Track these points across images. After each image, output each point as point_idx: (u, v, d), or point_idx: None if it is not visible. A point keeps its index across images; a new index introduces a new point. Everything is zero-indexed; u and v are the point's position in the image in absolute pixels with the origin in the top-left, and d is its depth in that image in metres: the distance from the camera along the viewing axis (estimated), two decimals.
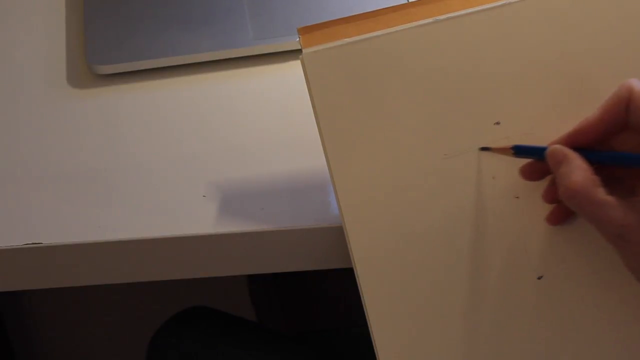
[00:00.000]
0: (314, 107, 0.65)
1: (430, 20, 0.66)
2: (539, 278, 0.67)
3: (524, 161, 0.66)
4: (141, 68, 0.83)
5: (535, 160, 0.65)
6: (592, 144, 0.63)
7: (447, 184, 0.66)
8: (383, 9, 0.66)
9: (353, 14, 0.66)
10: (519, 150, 0.65)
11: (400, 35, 0.65)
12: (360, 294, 0.66)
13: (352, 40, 0.65)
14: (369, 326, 0.66)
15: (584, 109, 0.67)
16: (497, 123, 0.66)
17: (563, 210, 0.65)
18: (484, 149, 0.66)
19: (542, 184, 0.67)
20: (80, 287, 0.76)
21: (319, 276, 0.99)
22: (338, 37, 0.65)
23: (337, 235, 0.71)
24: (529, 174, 0.66)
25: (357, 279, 0.66)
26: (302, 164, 0.75)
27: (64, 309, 1.43)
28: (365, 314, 0.66)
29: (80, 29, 0.87)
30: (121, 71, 0.83)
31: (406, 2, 0.67)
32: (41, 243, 0.72)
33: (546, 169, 0.64)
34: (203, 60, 0.83)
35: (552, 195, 0.65)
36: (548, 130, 0.66)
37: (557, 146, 0.63)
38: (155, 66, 0.83)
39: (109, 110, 0.81)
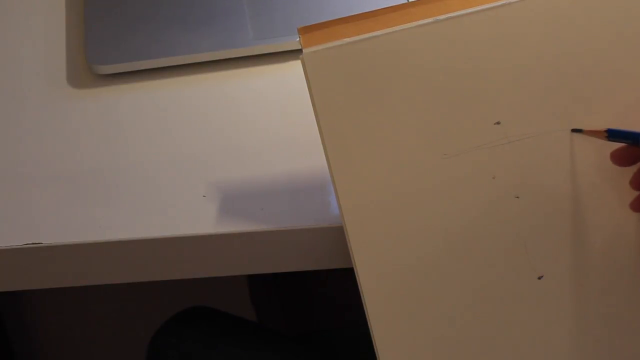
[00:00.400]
0: (314, 107, 0.65)
1: (430, 20, 0.66)
2: (539, 278, 0.67)
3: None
4: (141, 68, 0.83)
5: (628, 145, 0.64)
6: None
7: (447, 184, 0.66)
8: (383, 8, 0.66)
9: (353, 14, 0.66)
10: (612, 134, 0.64)
11: (400, 35, 0.65)
12: (360, 294, 0.66)
13: (352, 40, 0.65)
14: (369, 326, 0.66)
15: (584, 109, 0.67)
16: (498, 123, 0.66)
17: None
18: (575, 130, 0.65)
19: (543, 183, 0.67)
20: (80, 287, 0.76)
21: (319, 276, 0.99)
22: (338, 37, 0.65)
23: (337, 235, 0.71)
24: (621, 158, 0.65)
25: (357, 279, 0.66)
26: (302, 164, 0.75)
27: (64, 309, 1.43)
28: (365, 314, 0.66)
29: (80, 29, 0.87)
30: (121, 71, 0.83)
31: (406, 2, 0.67)
32: (41, 243, 0.72)
33: (638, 155, 0.64)
34: (203, 60, 0.83)
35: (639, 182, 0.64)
36: (548, 130, 0.66)
37: None
38: (155, 66, 0.83)
39: (109, 110, 0.81)
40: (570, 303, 0.67)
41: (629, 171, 0.66)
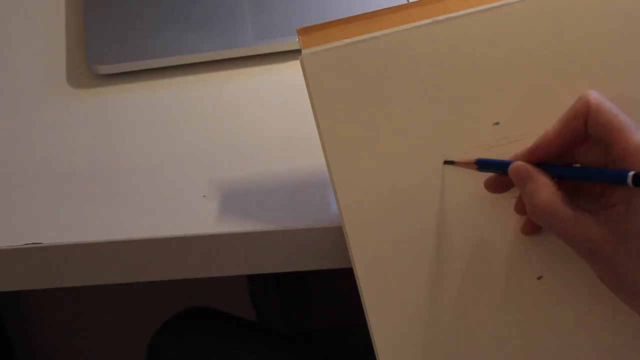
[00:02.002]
0: (313, 107, 0.65)
1: (429, 21, 0.66)
2: (539, 278, 0.67)
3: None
4: (141, 68, 0.83)
5: (499, 174, 0.65)
6: (553, 158, 0.63)
7: (446, 184, 0.66)
8: (382, 9, 0.66)
9: (353, 15, 0.66)
10: (482, 165, 0.65)
11: (399, 36, 0.65)
12: (360, 294, 0.66)
13: (351, 41, 0.65)
14: (368, 326, 0.66)
15: None
16: (497, 123, 0.66)
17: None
18: (447, 162, 0.66)
19: None
20: (80, 287, 0.76)
21: (319, 276, 0.99)
22: (337, 38, 0.65)
23: (337, 235, 0.71)
24: (493, 187, 0.65)
25: (356, 279, 0.66)
26: (302, 164, 0.75)
27: (64, 309, 1.43)
28: (365, 314, 0.66)
29: (80, 29, 0.87)
30: (121, 71, 0.83)
31: (405, 2, 0.67)
32: (41, 243, 0.72)
33: (510, 182, 0.64)
34: (203, 60, 0.83)
35: (523, 208, 0.64)
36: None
37: (520, 163, 0.63)
38: (155, 66, 0.83)
39: (109, 110, 0.81)
40: (570, 303, 0.67)
41: None
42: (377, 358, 0.67)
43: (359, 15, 0.66)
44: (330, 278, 1.05)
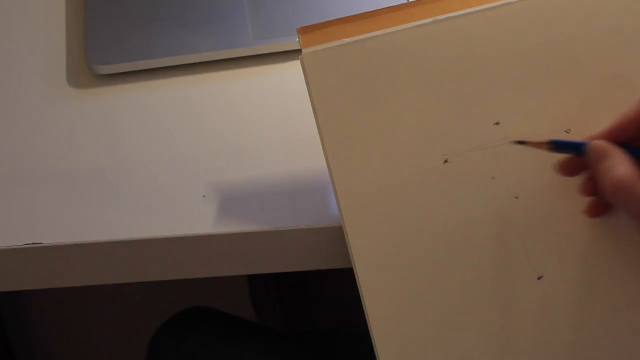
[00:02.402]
0: (313, 107, 0.65)
1: (429, 20, 0.66)
2: (539, 278, 0.67)
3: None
4: (141, 68, 0.83)
5: (573, 155, 0.64)
6: (631, 139, 0.63)
7: (446, 184, 0.66)
8: (383, 9, 0.66)
9: (353, 14, 0.66)
10: (556, 146, 0.64)
11: (399, 36, 0.65)
12: (360, 294, 0.66)
13: (351, 40, 0.65)
14: (368, 326, 0.66)
15: (584, 109, 0.67)
16: (497, 123, 0.66)
17: (603, 203, 0.65)
18: (518, 142, 0.65)
19: (543, 183, 0.67)
20: (80, 287, 0.76)
21: (319, 276, 0.99)
22: (338, 37, 0.65)
23: (337, 235, 0.71)
24: (566, 169, 0.65)
25: (357, 279, 0.66)
26: (302, 164, 0.75)
27: (64, 309, 1.43)
28: (365, 314, 0.66)
29: (80, 29, 0.87)
30: (121, 71, 0.83)
31: (406, 2, 0.67)
32: (41, 243, 0.72)
33: (583, 165, 0.64)
34: (203, 60, 0.83)
35: (590, 189, 0.64)
36: (548, 131, 0.66)
37: (600, 141, 0.62)
38: (155, 66, 0.83)
39: (109, 110, 0.81)
40: (570, 303, 0.67)
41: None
42: (377, 358, 0.67)
43: (360, 14, 0.66)
44: (331, 278, 1.05)
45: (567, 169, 0.65)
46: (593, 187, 0.64)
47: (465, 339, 0.67)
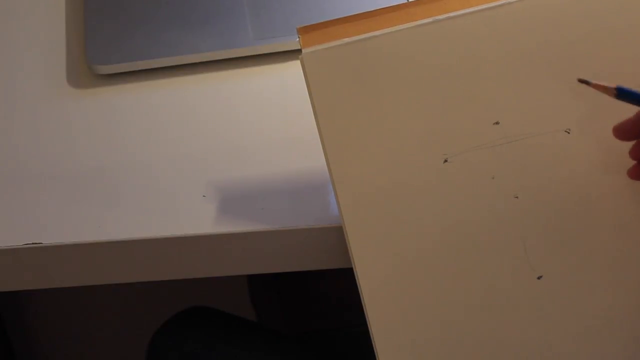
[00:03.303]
0: (313, 107, 0.65)
1: (429, 20, 0.66)
2: (539, 278, 0.67)
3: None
4: (141, 68, 0.83)
5: (633, 120, 0.64)
6: None
7: (446, 184, 0.66)
8: (382, 8, 0.66)
9: (353, 14, 0.66)
10: (622, 93, 0.63)
11: (399, 35, 0.65)
12: (360, 294, 0.66)
13: (351, 40, 0.65)
14: (368, 326, 0.66)
15: (584, 109, 0.67)
16: (497, 123, 0.66)
17: None
18: (582, 81, 0.64)
19: (543, 182, 0.67)
20: (80, 287, 0.76)
21: (319, 276, 0.99)
22: (338, 37, 0.65)
23: (337, 235, 0.71)
24: (624, 132, 0.64)
25: (357, 279, 0.66)
26: (302, 164, 0.75)
27: (64, 309, 1.43)
28: (365, 314, 0.66)
29: (80, 29, 0.87)
30: (121, 71, 0.83)
31: (405, 2, 0.67)
32: (41, 243, 0.72)
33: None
34: (203, 60, 0.83)
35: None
36: (548, 131, 0.66)
37: None
38: (155, 66, 0.83)
39: (109, 110, 0.81)
40: (570, 303, 0.67)
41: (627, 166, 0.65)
42: (377, 358, 0.67)
43: (359, 14, 0.66)
44: (331, 278, 1.05)
45: (624, 133, 0.64)
46: None
47: (465, 339, 0.67)
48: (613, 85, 0.63)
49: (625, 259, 0.67)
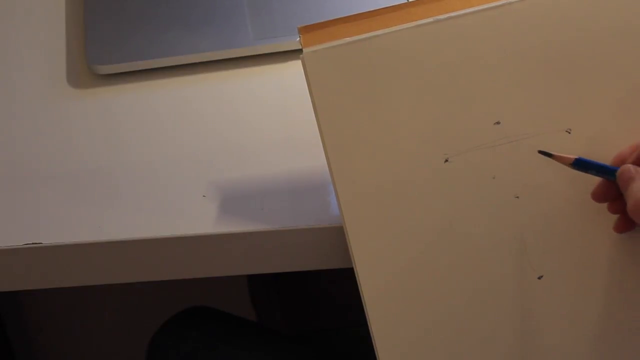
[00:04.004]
0: (314, 106, 0.65)
1: (430, 19, 0.66)
2: (539, 278, 0.67)
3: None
4: (141, 68, 0.83)
5: (604, 181, 0.65)
6: None
7: (447, 184, 0.66)
8: (383, 8, 0.66)
9: (353, 14, 0.66)
10: (578, 164, 0.65)
11: (400, 35, 0.65)
12: (360, 294, 0.66)
13: (352, 40, 0.65)
14: (369, 326, 0.66)
15: (584, 109, 0.67)
16: (498, 123, 0.66)
17: (629, 220, 0.65)
18: (543, 153, 0.66)
19: (543, 182, 0.67)
20: (80, 287, 0.76)
21: (319, 276, 0.99)
22: (338, 37, 0.65)
23: (337, 235, 0.71)
24: (601, 196, 0.66)
25: (357, 279, 0.66)
26: (302, 164, 0.75)
27: (64, 309, 1.43)
28: (365, 314, 0.66)
29: (80, 29, 0.87)
30: (121, 71, 0.83)
31: (406, 1, 0.67)
32: (41, 243, 0.72)
33: (615, 189, 0.65)
34: (203, 60, 0.83)
35: (618, 208, 0.65)
36: (548, 130, 0.66)
37: (628, 165, 0.64)
38: (155, 66, 0.83)
39: (109, 110, 0.81)
40: (570, 303, 0.67)
41: None
42: (377, 358, 0.67)
43: (360, 14, 0.66)
44: (331, 278, 1.05)
45: (601, 197, 0.66)
46: (620, 206, 0.65)
47: (465, 339, 0.67)
48: (573, 156, 0.65)
49: (625, 258, 0.67)
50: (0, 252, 0.72)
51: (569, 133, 0.67)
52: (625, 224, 0.66)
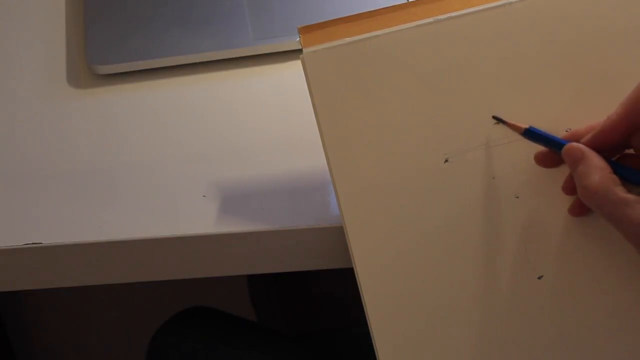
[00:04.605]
0: (314, 106, 0.65)
1: (430, 19, 0.66)
2: (539, 278, 0.67)
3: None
4: (141, 68, 0.83)
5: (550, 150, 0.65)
6: (614, 144, 0.63)
7: (447, 184, 0.66)
8: (383, 8, 0.66)
9: (353, 14, 0.66)
10: (530, 134, 0.65)
11: (400, 35, 0.65)
12: (360, 294, 0.66)
13: (352, 40, 0.65)
14: (369, 326, 0.66)
15: (584, 109, 0.67)
16: (498, 123, 0.66)
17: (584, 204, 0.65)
18: (497, 119, 0.65)
19: (544, 182, 0.67)
20: (80, 287, 0.76)
21: (319, 276, 0.99)
22: (338, 37, 0.65)
23: (337, 235, 0.71)
24: (544, 162, 0.65)
25: (357, 279, 0.66)
26: (302, 164, 0.75)
27: (64, 309, 1.43)
28: (365, 314, 0.66)
29: (80, 29, 0.87)
30: (121, 71, 0.83)
31: (406, 1, 0.67)
32: (41, 243, 0.72)
33: (561, 160, 0.64)
34: (203, 60, 0.83)
35: (572, 188, 0.64)
36: (548, 130, 0.66)
37: (575, 144, 0.63)
38: (155, 66, 0.83)
39: (109, 110, 0.81)
40: (571, 303, 0.67)
41: None
42: (377, 358, 0.67)
43: (360, 14, 0.66)
44: (331, 278, 1.05)
45: (546, 162, 0.65)
46: (574, 187, 0.64)
47: (465, 339, 0.67)
48: (524, 125, 0.65)
49: (626, 258, 0.67)
50: (0, 252, 0.72)
51: (568, 132, 0.67)
52: (580, 208, 0.66)
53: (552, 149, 0.65)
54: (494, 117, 0.66)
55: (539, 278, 0.67)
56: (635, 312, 0.67)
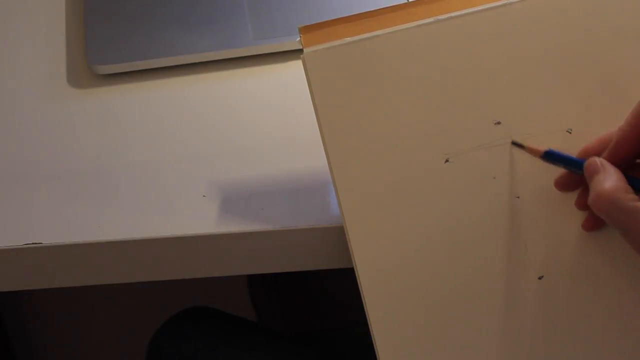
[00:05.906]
0: (315, 106, 0.65)
1: (431, 20, 0.66)
2: (539, 278, 0.67)
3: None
4: (141, 68, 0.83)
5: (568, 172, 0.65)
6: (629, 155, 0.63)
7: (447, 184, 0.66)
8: (384, 8, 0.66)
9: (353, 14, 0.66)
10: (548, 156, 0.65)
11: (400, 35, 0.65)
12: (361, 294, 0.66)
13: (353, 40, 0.65)
14: (369, 326, 0.66)
15: (585, 109, 0.67)
16: (498, 123, 0.66)
17: (598, 217, 0.65)
18: (516, 144, 0.66)
19: (544, 182, 0.67)
20: (80, 287, 0.76)
21: (319, 276, 0.99)
22: (339, 37, 0.65)
23: (337, 235, 0.71)
24: (564, 185, 0.66)
25: (357, 279, 0.66)
26: (302, 164, 0.75)
27: (64, 309, 1.43)
28: (366, 314, 0.66)
29: (80, 29, 0.87)
30: (121, 71, 0.83)
31: (406, 1, 0.67)
32: (41, 243, 0.72)
33: (579, 181, 0.64)
34: (203, 60, 0.83)
35: (585, 203, 0.65)
36: (549, 130, 0.66)
37: (597, 158, 0.63)
38: (155, 66, 0.83)
39: (109, 110, 0.81)
40: (571, 303, 0.67)
41: None
42: (377, 358, 0.67)
43: (361, 14, 0.66)
44: (331, 278, 1.05)
45: (564, 186, 0.66)
46: (587, 201, 0.64)
47: (465, 339, 0.67)
48: (543, 148, 0.65)
49: (627, 258, 0.67)
50: (0, 252, 0.72)
51: (570, 133, 0.67)
52: (593, 222, 0.66)
53: (570, 169, 0.65)
54: (513, 143, 0.66)
55: (540, 278, 0.67)
56: (636, 314, 0.67)
